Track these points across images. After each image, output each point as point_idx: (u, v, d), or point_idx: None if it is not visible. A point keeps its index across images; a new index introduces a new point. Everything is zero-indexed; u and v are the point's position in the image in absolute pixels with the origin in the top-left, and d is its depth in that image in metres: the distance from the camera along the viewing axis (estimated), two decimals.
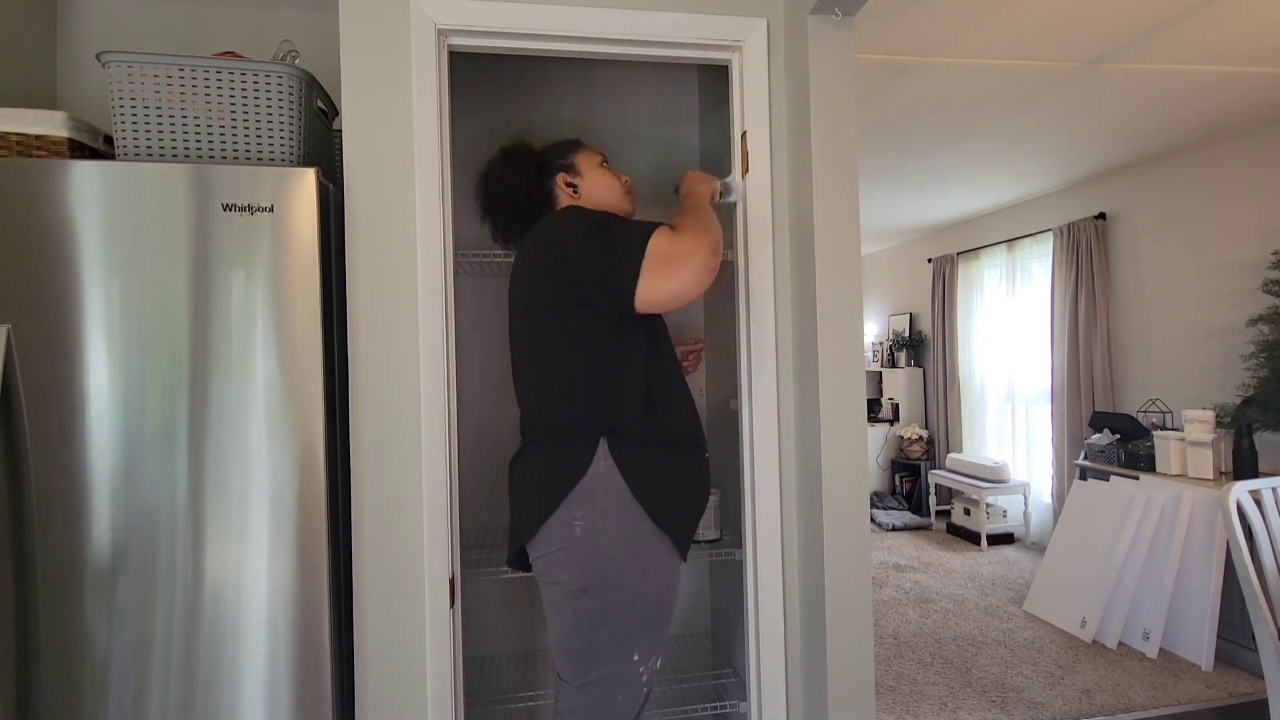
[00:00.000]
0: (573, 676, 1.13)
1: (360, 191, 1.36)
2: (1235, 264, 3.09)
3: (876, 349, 6.05)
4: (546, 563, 1.13)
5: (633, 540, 1.11)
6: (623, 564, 1.10)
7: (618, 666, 1.11)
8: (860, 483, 1.45)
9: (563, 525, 1.10)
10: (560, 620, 1.12)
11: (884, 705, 2.37)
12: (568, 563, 1.10)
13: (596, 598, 1.09)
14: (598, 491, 1.10)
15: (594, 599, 1.09)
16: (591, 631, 1.10)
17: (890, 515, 4.86)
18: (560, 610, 1.12)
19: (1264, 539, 1.50)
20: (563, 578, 1.10)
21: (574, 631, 1.11)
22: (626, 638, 1.11)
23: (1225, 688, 2.46)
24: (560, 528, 1.10)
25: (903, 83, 2.41)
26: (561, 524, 1.10)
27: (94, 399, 1.15)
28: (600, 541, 1.09)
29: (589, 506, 1.10)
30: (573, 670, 1.12)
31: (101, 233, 1.15)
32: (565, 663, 1.13)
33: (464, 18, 1.41)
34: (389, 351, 1.37)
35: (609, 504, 1.10)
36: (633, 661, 1.12)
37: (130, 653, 1.16)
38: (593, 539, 1.09)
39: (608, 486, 1.10)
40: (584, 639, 1.10)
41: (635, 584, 1.11)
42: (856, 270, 1.45)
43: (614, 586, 1.09)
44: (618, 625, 1.10)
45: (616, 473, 1.11)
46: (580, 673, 1.11)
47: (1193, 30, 2.05)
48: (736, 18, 1.52)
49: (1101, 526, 3.05)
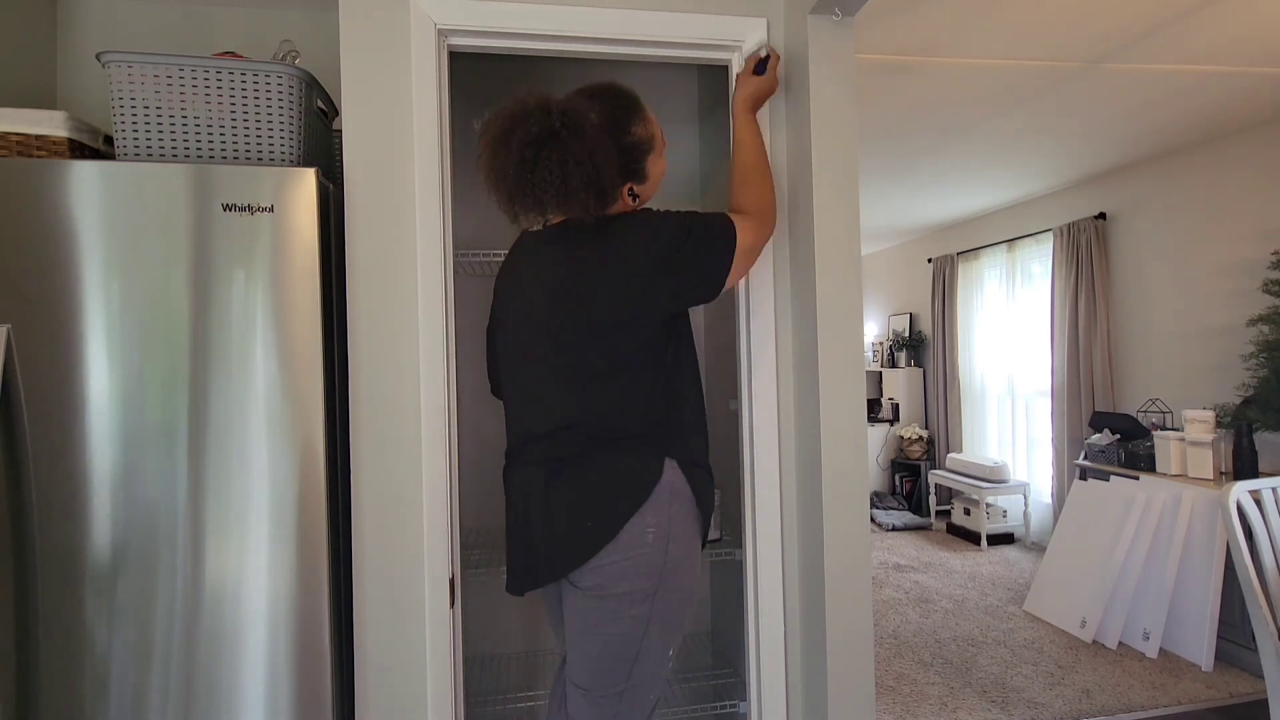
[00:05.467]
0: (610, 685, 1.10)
1: (360, 191, 1.36)
2: (1235, 264, 3.09)
3: (876, 349, 6.05)
4: (606, 575, 1.09)
5: (690, 541, 1.14)
6: (681, 564, 1.12)
7: (657, 667, 1.12)
8: (860, 483, 1.45)
9: (635, 534, 1.08)
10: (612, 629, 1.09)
11: (884, 705, 2.37)
12: (634, 571, 1.08)
13: (657, 600, 1.09)
14: (667, 497, 1.11)
15: (655, 602, 1.09)
16: (645, 635, 1.09)
17: (890, 515, 4.86)
18: (617, 619, 1.09)
19: (1264, 539, 1.50)
20: (627, 587, 1.08)
21: (625, 639, 1.09)
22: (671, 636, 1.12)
23: (1225, 688, 2.46)
24: (633, 536, 1.08)
25: (903, 83, 2.41)
26: (634, 532, 1.08)
27: (94, 399, 1.15)
28: (670, 545, 1.10)
29: (660, 513, 1.10)
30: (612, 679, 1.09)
31: (101, 233, 1.15)
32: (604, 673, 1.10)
33: (464, 18, 1.41)
34: (389, 351, 1.37)
35: (678, 510, 1.12)
36: (668, 658, 1.13)
37: (130, 653, 1.16)
38: (663, 544, 1.10)
39: (674, 492, 1.12)
40: (634, 645, 1.09)
41: (689, 582, 1.13)
42: (856, 270, 1.45)
43: (674, 587, 1.11)
44: (667, 624, 1.11)
45: (682, 478, 1.13)
46: (619, 679, 1.09)
47: (1193, 30, 2.05)
48: (736, 18, 1.52)
49: (1101, 526, 3.05)
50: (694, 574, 1.15)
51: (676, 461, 1.14)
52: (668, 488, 1.11)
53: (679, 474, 1.13)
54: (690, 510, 1.14)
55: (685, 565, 1.13)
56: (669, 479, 1.12)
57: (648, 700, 1.12)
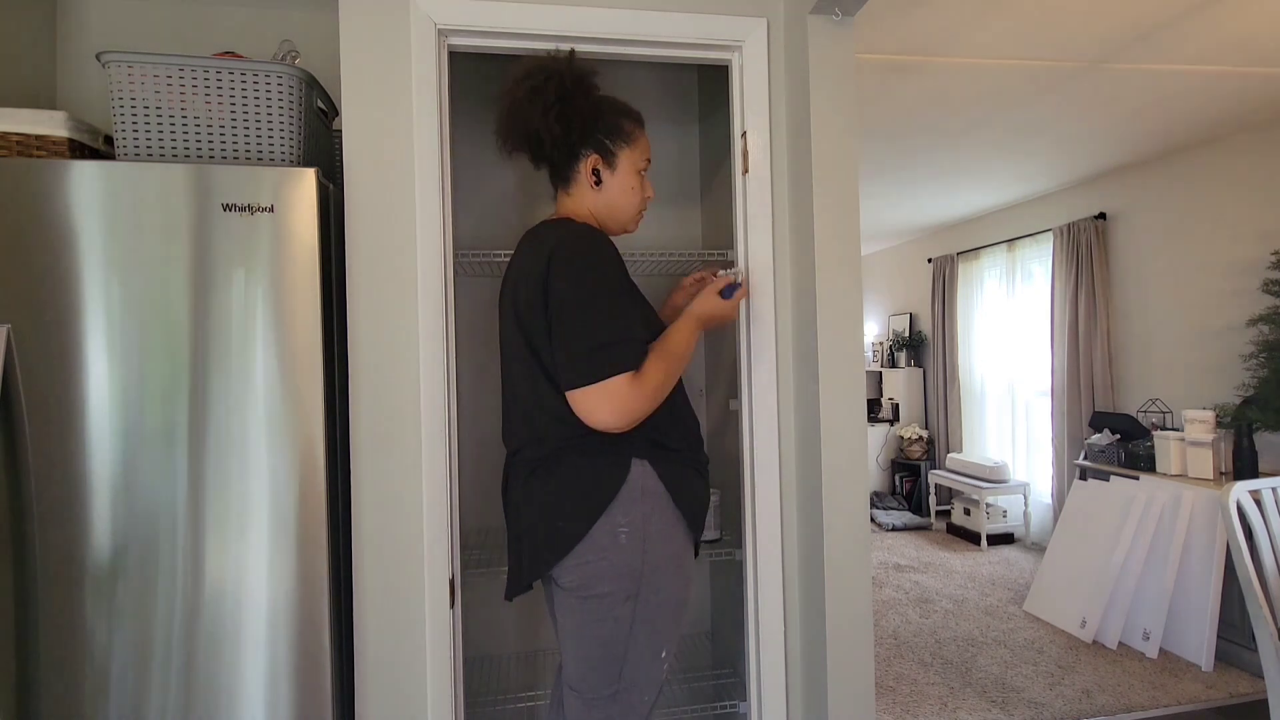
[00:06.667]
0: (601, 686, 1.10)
1: (360, 191, 1.36)
2: (1235, 264, 3.09)
3: (876, 349, 6.05)
4: (585, 575, 1.09)
5: (671, 541, 1.13)
6: (664, 565, 1.11)
7: (650, 668, 1.11)
8: (860, 483, 1.45)
9: (605, 534, 1.09)
10: (598, 631, 1.10)
11: (884, 705, 2.37)
12: (612, 572, 1.08)
13: (639, 602, 1.09)
14: (638, 497, 1.10)
15: (637, 604, 1.09)
16: (630, 637, 1.09)
17: (890, 515, 4.86)
18: (600, 621, 1.09)
19: (1264, 539, 1.50)
20: (608, 588, 1.09)
21: (610, 640, 1.09)
22: (661, 638, 1.12)
23: (1225, 688, 2.46)
24: (603, 537, 1.09)
25: (903, 83, 2.41)
26: (604, 533, 1.09)
27: (94, 399, 1.15)
28: (644, 546, 1.10)
29: (631, 513, 1.10)
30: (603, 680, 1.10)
31: (101, 233, 1.15)
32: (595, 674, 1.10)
33: (464, 17, 1.41)
34: (389, 351, 1.37)
35: (651, 508, 1.11)
36: (660, 659, 1.13)
37: (130, 653, 1.16)
38: (637, 544, 1.09)
39: (646, 491, 1.11)
40: (620, 646, 1.09)
41: (675, 583, 1.13)
42: (856, 270, 1.45)
43: (656, 588, 1.10)
44: (655, 627, 1.11)
45: (654, 476, 1.12)
46: (611, 681, 1.10)
47: (1193, 30, 2.05)
48: (736, 18, 1.52)
49: (1101, 526, 3.05)
50: (681, 577, 1.14)
51: (648, 461, 1.12)
52: (637, 488, 1.10)
53: (650, 474, 1.12)
54: (667, 510, 1.12)
55: (670, 567, 1.12)
56: (638, 479, 1.11)
57: (642, 702, 1.12)
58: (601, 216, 1.25)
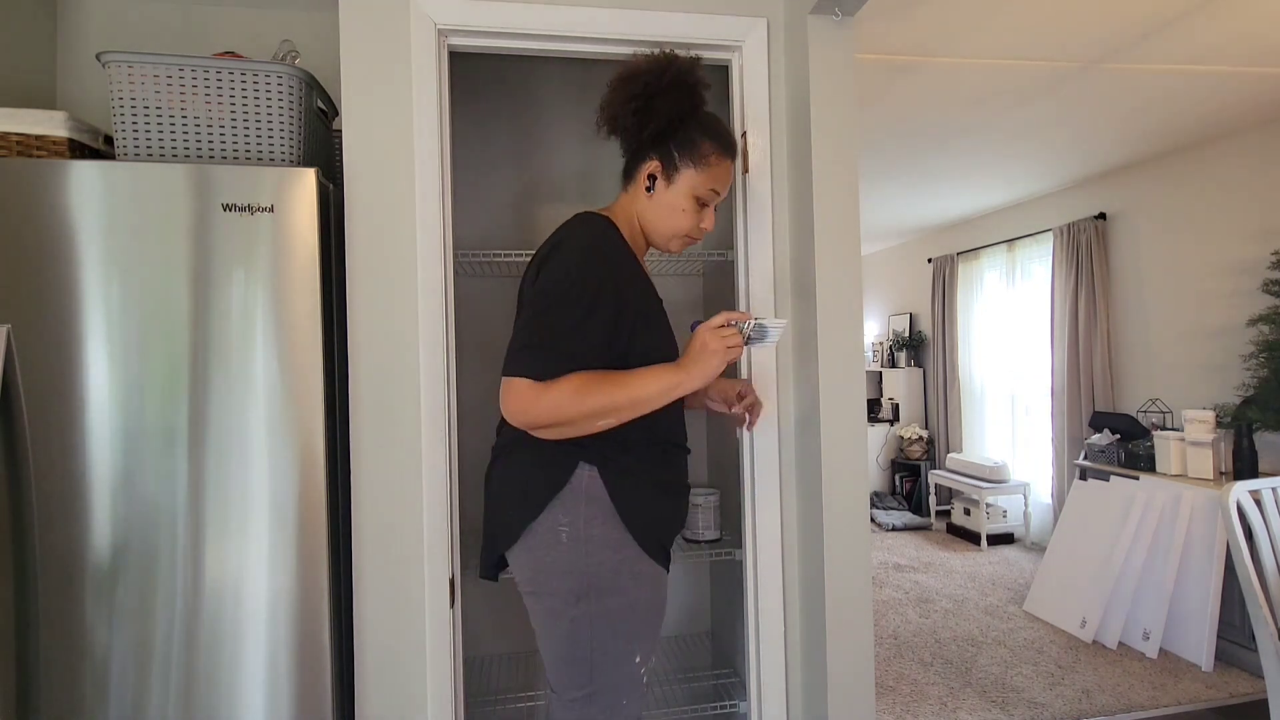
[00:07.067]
0: (573, 687, 1.11)
1: (360, 191, 1.36)
2: (1235, 264, 3.09)
3: (876, 349, 6.05)
4: (534, 569, 1.10)
5: (619, 548, 1.11)
6: (614, 569, 1.10)
7: (622, 671, 1.11)
8: (860, 483, 1.45)
9: (548, 530, 1.09)
10: (557, 630, 1.10)
11: (884, 705, 2.37)
12: (557, 569, 1.09)
13: (593, 603, 1.09)
14: (581, 500, 1.10)
15: (591, 604, 1.09)
16: (592, 638, 1.09)
17: (890, 515, 4.86)
18: (557, 619, 1.10)
19: (1264, 539, 1.50)
20: (555, 585, 1.09)
21: (572, 640, 1.09)
22: (625, 641, 1.11)
23: (1225, 688, 2.46)
24: (546, 532, 1.09)
25: (903, 83, 2.41)
26: (546, 528, 1.09)
27: (94, 399, 1.15)
28: (588, 548, 1.09)
29: (573, 514, 1.09)
30: (574, 681, 1.11)
31: (101, 233, 1.15)
32: (565, 674, 1.11)
33: (464, 17, 1.41)
34: (389, 351, 1.37)
35: (594, 513, 1.10)
36: (635, 664, 1.12)
37: (130, 653, 1.16)
38: (579, 545, 1.09)
39: (590, 497, 1.10)
40: (584, 648, 1.09)
41: (629, 588, 1.11)
42: (857, 270, 1.45)
43: (608, 591, 1.09)
44: (617, 629, 1.10)
45: (600, 484, 1.10)
46: (583, 682, 1.10)
47: (1193, 30, 2.05)
48: (736, 18, 1.52)
49: (1101, 527, 3.05)
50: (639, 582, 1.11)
51: (598, 468, 1.10)
52: (581, 492, 1.09)
53: (597, 481, 1.10)
54: (609, 519, 1.10)
55: (622, 571, 1.10)
56: (581, 483, 1.10)
57: (621, 707, 1.11)
58: (645, 225, 1.22)
